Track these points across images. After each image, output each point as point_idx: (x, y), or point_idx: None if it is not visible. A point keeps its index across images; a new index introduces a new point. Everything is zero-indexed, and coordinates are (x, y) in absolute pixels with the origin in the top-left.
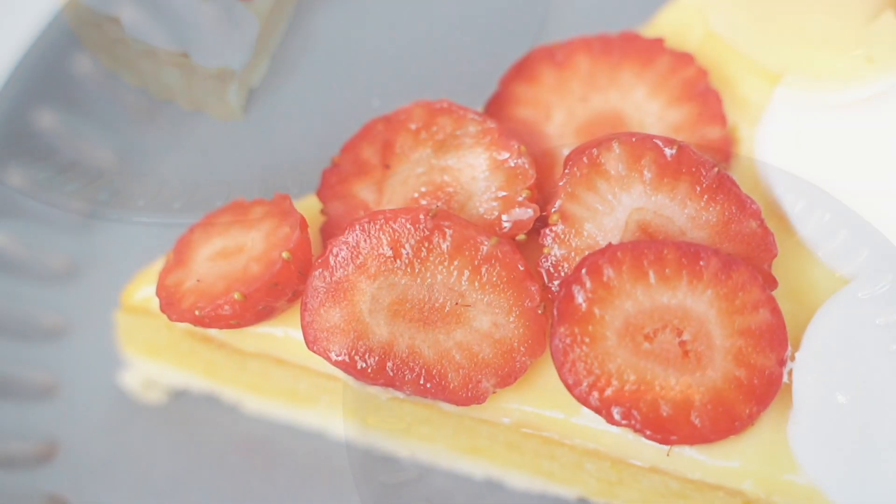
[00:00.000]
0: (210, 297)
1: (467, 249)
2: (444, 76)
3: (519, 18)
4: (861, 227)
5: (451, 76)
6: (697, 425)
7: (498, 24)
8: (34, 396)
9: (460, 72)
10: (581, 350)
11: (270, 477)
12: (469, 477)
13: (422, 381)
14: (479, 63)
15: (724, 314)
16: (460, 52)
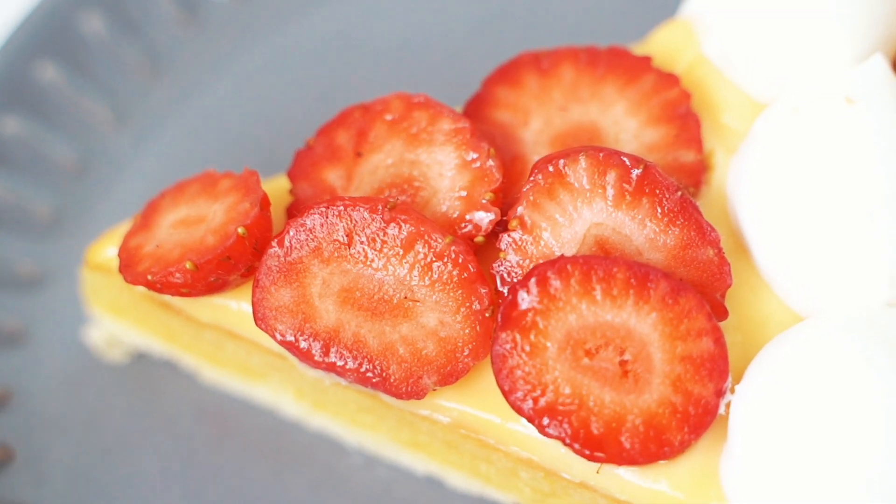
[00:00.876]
0: (164, 264)
1: (421, 245)
2: (433, 71)
3: (513, 21)
4: (821, 265)
5: (439, 72)
6: (626, 446)
7: (490, 25)
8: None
9: (448, 68)
10: (520, 358)
11: (219, 448)
12: (411, 471)
13: (364, 371)
14: (469, 61)
15: (667, 339)
16: (453, 48)
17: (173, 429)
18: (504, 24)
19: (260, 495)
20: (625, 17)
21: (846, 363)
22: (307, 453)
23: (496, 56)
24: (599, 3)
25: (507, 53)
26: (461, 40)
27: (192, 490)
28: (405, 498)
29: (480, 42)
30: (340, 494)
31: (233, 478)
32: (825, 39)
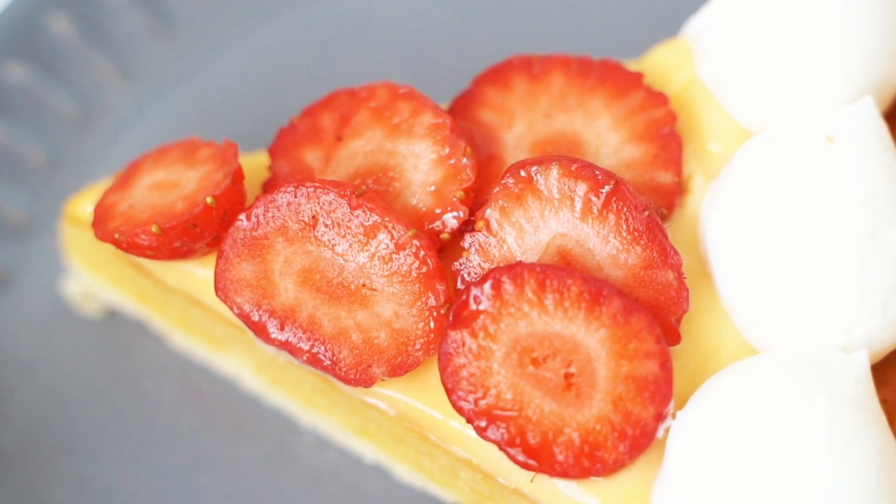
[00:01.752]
0: (132, 224)
1: (383, 234)
2: (427, 63)
3: (516, 25)
4: (782, 301)
5: (433, 64)
6: (559, 458)
7: (493, 26)
8: None
9: (444, 62)
10: (466, 358)
11: (177, 412)
12: (360, 458)
13: (315, 353)
14: (465, 58)
15: (614, 357)
16: (452, 43)
17: (136, 388)
18: (507, 27)
19: (211, 463)
20: (628, 32)
21: (787, 404)
22: (262, 428)
23: (493, 56)
24: (604, 16)
25: (503, 55)
26: (461, 36)
27: (145, 450)
28: (351, 483)
29: (480, 40)
30: (289, 472)
31: (186, 443)
32: (817, 76)
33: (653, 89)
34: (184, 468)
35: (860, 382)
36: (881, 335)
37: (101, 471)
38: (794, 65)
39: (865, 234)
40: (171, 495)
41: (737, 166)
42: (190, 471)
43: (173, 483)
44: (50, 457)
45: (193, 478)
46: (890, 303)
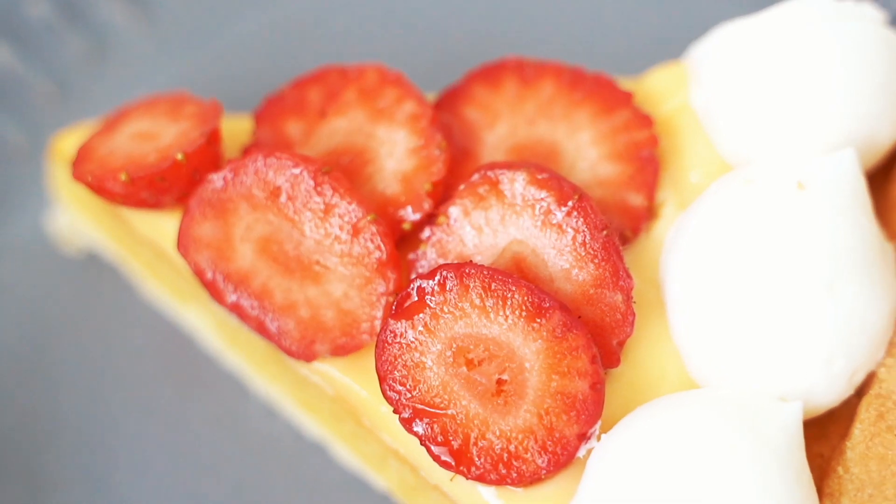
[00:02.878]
0: (105, 169)
1: (342, 216)
2: (426, 51)
3: (523, 27)
4: (729, 341)
5: (432, 53)
6: (477, 462)
7: (501, 26)
8: None
9: (442, 52)
10: (402, 349)
11: (137, 359)
12: (303, 432)
13: (263, 321)
14: (466, 52)
15: (546, 370)
16: (456, 35)
17: (102, 330)
18: (516, 29)
19: (160, 414)
20: (635, 48)
21: (709, 444)
22: (215, 387)
23: (493, 54)
24: (614, 30)
25: (503, 54)
26: (465, 30)
27: (99, 389)
28: (291, 455)
29: (485, 37)
30: (232, 434)
31: (140, 389)
32: (804, 121)
33: (640, 111)
34: (133, 412)
35: (789, 433)
36: (822, 390)
37: (53, 399)
38: (783, 107)
39: (821, 286)
40: (114, 434)
41: (707, 199)
42: (137, 416)
43: (119, 424)
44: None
45: (139, 423)
46: (835, 358)
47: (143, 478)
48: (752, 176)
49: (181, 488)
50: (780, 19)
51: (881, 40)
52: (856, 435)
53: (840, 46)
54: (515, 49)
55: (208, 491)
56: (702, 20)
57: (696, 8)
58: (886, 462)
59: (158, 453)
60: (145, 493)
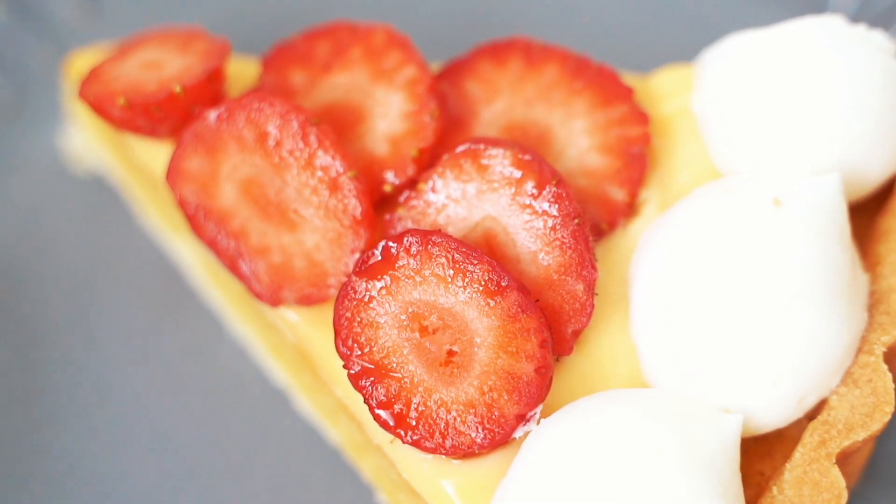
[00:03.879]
0: (107, 92)
1: (324, 168)
2: (439, 18)
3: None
4: (685, 348)
5: (445, 20)
6: (413, 426)
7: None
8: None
9: (456, 21)
10: (358, 306)
11: (122, 284)
12: (269, 377)
13: (236, 259)
14: (481, 25)
15: (495, 348)
16: (470, 7)
17: (96, 250)
18: (532, 10)
19: (132, 338)
20: (650, 46)
21: (639, 442)
22: (193, 321)
23: (505, 32)
24: (631, 25)
25: (515, 32)
26: (485, 4)
27: (82, 307)
28: (254, 398)
29: (501, 15)
30: (200, 370)
31: (119, 312)
32: (795, 140)
33: (638, 107)
34: (109, 331)
35: (724, 445)
36: (767, 408)
37: (40, 305)
38: (777, 122)
39: (779, 305)
40: (88, 348)
41: (684, 203)
42: (113, 335)
43: (95, 339)
44: None
45: (113, 342)
46: (784, 379)
47: (106, 396)
48: (732, 186)
49: (142, 413)
50: (790, 36)
51: (886, 71)
52: (796, 458)
53: (842, 71)
54: (529, 30)
55: (168, 421)
56: (725, 26)
57: (721, 13)
58: (819, 489)
59: (125, 375)
60: (106, 409)
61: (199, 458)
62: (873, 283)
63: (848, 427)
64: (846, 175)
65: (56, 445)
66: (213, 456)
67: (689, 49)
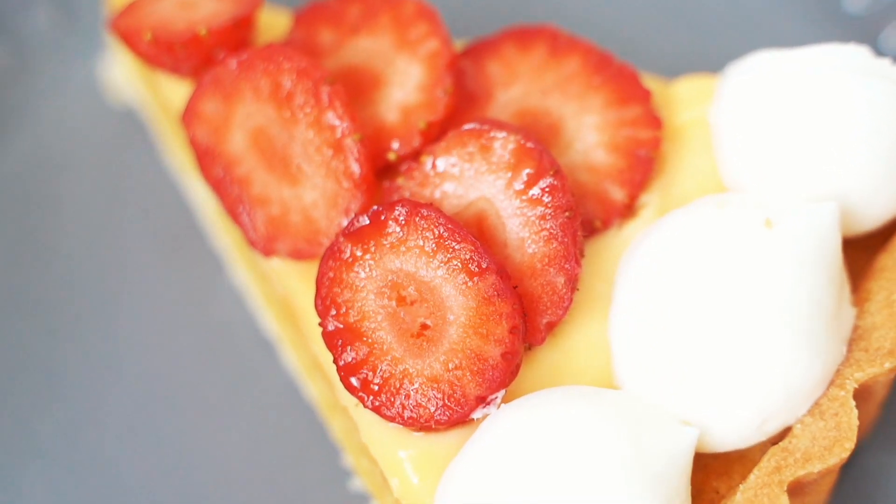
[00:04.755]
0: (136, 26)
1: (330, 128)
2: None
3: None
4: (656, 356)
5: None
6: (376, 392)
7: None
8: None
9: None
10: (342, 267)
11: (139, 218)
12: (261, 327)
13: (236, 205)
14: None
15: (466, 328)
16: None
17: (116, 181)
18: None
19: (137, 272)
20: (679, 52)
21: (589, 441)
22: (197, 260)
23: (536, 18)
24: (666, 29)
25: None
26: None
27: (96, 234)
28: (240, 344)
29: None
30: (196, 311)
31: (129, 244)
32: (801, 165)
33: (653, 111)
34: (115, 261)
35: (674, 456)
36: (725, 427)
37: (55, 227)
38: (787, 145)
39: (753, 327)
40: (91, 273)
41: (678, 213)
42: (115, 263)
43: (98, 266)
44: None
45: (117, 272)
46: (746, 401)
47: (101, 317)
48: (728, 201)
49: (132, 341)
50: (811, 61)
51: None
52: (750, 480)
53: (856, 103)
54: (563, 19)
55: (155, 354)
56: (759, 38)
57: (761, 28)
58: None
59: (123, 302)
60: (99, 329)
61: (179, 395)
62: (859, 319)
63: (805, 457)
64: (848, 207)
65: (45, 350)
66: (194, 395)
67: (719, 59)
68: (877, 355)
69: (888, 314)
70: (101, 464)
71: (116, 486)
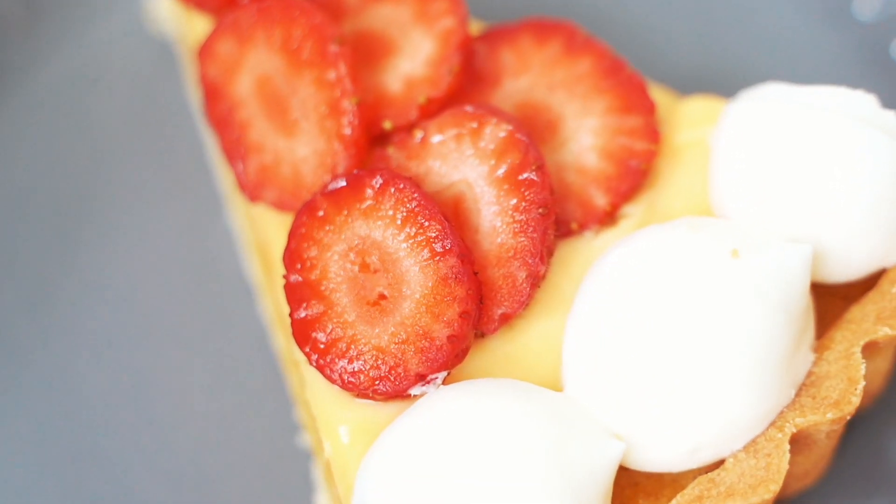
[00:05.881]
0: None
1: (330, 86)
2: None
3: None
4: (597, 360)
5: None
6: (323, 354)
7: None
8: None
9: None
10: (313, 224)
11: (154, 145)
12: (247, 273)
13: (231, 147)
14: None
15: (419, 304)
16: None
17: (140, 106)
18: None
19: (136, 195)
20: (699, 71)
21: (510, 439)
22: (199, 195)
23: (561, 12)
24: (693, 46)
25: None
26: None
27: (108, 151)
28: (221, 285)
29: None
30: (188, 242)
31: (139, 163)
32: (784, 205)
33: (653, 124)
34: (119, 181)
35: (597, 466)
36: (655, 450)
37: (73, 140)
38: (773, 181)
39: (700, 356)
40: (97, 193)
41: (652, 230)
42: (119, 184)
43: (105, 186)
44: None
45: (117, 191)
46: (681, 427)
47: (97, 233)
48: (702, 225)
49: (118, 263)
50: (819, 101)
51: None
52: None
53: (850, 151)
54: (589, 18)
55: (137, 277)
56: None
57: (772, 37)
58: None
59: (120, 222)
60: (89, 245)
61: (154, 318)
62: (815, 366)
63: (729, 492)
64: (827, 254)
65: (38, 251)
66: (167, 322)
67: (737, 85)
68: (822, 404)
69: (843, 366)
70: (69, 370)
71: (76, 392)
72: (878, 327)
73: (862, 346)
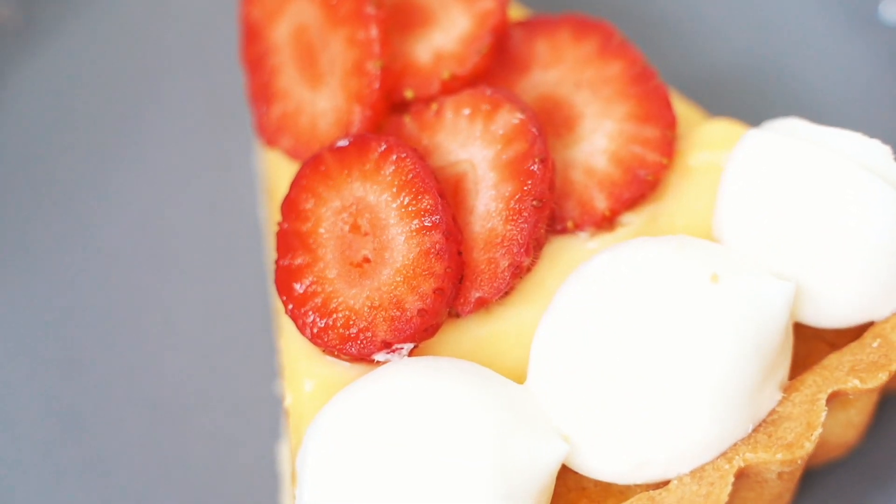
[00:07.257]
0: None
1: (359, 45)
2: None
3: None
4: (561, 364)
5: None
6: (300, 305)
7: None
8: None
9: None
10: (315, 178)
11: (204, 85)
12: (261, 217)
13: (259, 89)
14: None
15: (398, 273)
16: None
17: (195, 45)
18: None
19: (175, 127)
20: (732, 92)
21: (455, 425)
22: (233, 133)
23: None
24: (726, 66)
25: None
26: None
27: (151, 87)
28: (235, 223)
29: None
30: (209, 172)
31: (179, 96)
32: (780, 242)
33: (670, 138)
34: (158, 113)
35: (537, 466)
36: (598, 454)
37: (129, 71)
38: (773, 218)
39: (661, 374)
40: (137, 126)
41: (640, 242)
42: (158, 117)
43: (144, 113)
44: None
45: (154, 118)
46: (627, 436)
47: (124, 157)
48: (689, 245)
49: (136, 186)
50: (836, 142)
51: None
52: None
53: (857, 202)
54: (631, 22)
55: (152, 203)
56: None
57: (817, 63)
58: None
59: (151, 147)
60: (114, 168)
61: (160, 246)
62: (780, 405)
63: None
64: (814, 298)
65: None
66: (171, 251)
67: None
68: (776, 444)
69: (806, 410)
70: (72, 273)
71: (73, 295)
72: (849, 378)
73: (829, 394)
